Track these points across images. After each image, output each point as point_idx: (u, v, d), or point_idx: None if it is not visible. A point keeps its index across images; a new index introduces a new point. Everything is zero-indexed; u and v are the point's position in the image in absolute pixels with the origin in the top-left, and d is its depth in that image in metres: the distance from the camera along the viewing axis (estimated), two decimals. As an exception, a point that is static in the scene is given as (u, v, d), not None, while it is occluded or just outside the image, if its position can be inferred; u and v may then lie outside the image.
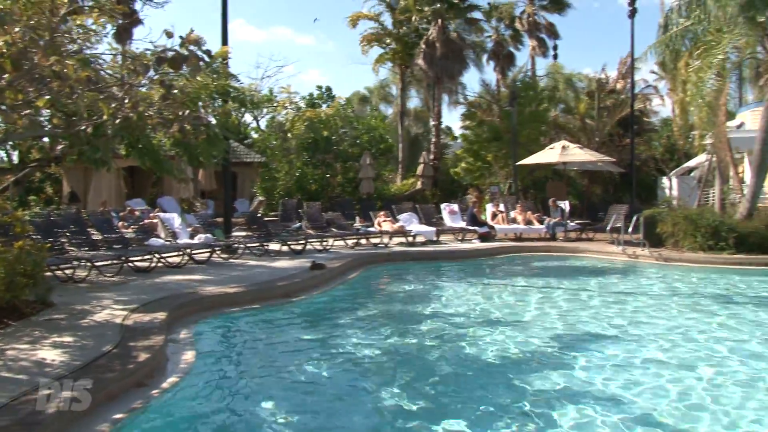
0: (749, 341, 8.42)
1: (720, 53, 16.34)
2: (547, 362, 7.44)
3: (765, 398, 6.20)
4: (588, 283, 13.38)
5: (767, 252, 15.84)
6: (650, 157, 31.65)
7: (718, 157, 21.02)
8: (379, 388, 6.49)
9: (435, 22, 32.54)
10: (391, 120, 43.04)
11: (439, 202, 24.88)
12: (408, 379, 6.84)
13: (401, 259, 16.38)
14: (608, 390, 6.41)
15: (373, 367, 7.30)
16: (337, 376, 6.96)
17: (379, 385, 6.58)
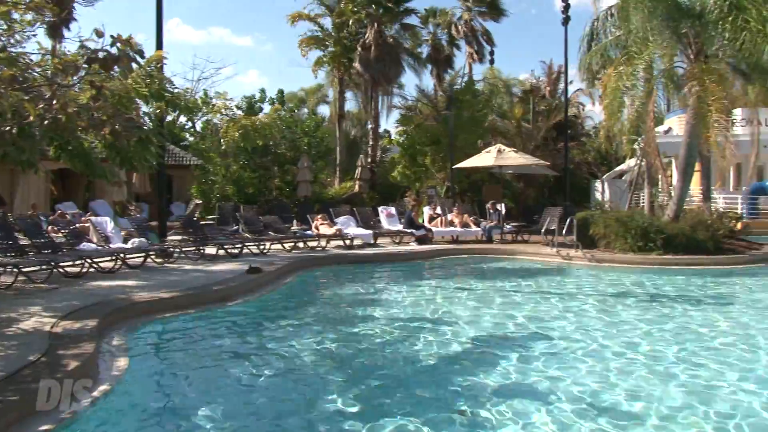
0: (677, 337, 8.68)
1: (642, 62, 16.88)
2: (483, 361, 7.54)
3: (682, 391, 6.41)
4: (523, 285, 13.60)
5: (693, 252, 16.47)
6: (583, 161, 32.44)
7: (648, 161, 21.68)
8: (316, 390, 6.47)
9: (371, 25, 32.66)
10: (329, 123, 43.01)
11: (376, 205, 24.97)
12: (345, 381, 6.83)
13: (339, 263, 16.38)
14: (542, 386, 6.53)
15: (310, 370, 7.26)
16: (274, 379, 6.90)
17: (316, 388, 6.55)
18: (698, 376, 6.94)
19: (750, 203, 28.76)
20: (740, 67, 17.94)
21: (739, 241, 19.18)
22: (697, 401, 6.10)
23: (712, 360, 7.59)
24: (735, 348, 8.22)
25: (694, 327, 9.46)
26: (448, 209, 21.89)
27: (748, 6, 15.79)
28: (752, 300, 12.06)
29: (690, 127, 17.88)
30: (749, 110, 29.19)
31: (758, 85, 17.89)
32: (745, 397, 6.24)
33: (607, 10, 19.78)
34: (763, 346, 8.30)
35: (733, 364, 7.40)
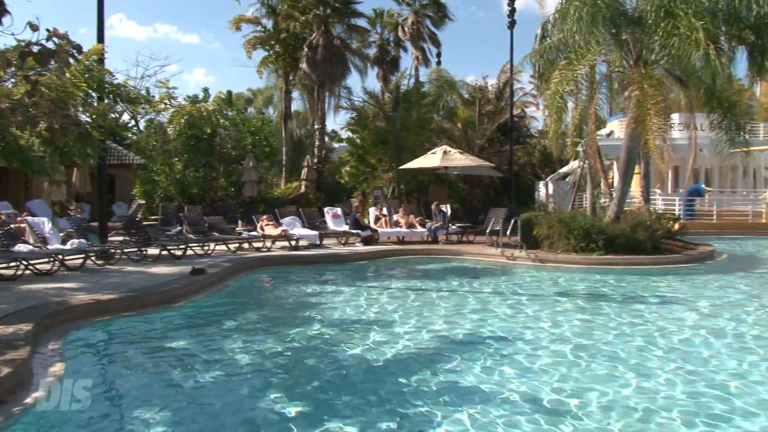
0: (616, 335, 8.85)
1: (583, 67, 17.22)
2: (428, 362, 7.55)
3: (621, 388, 6.54)
4: (467, 285, 13.71)
5: (632, 252, 16.89)
6: (528, 162, 32.90)
7: (590, 163, 22.11)
8: (259, 393, 6.39)
9: (318, 26, 32.55)
10: (276, 123, 42.68)
11: (323, 205, 24.90)
12: (290, 383, 6.78)
13: (284, 263, 16.26)
14: (486, 386, 6.58)
15: (254, 372, 7.17)
16: (217, 382, 6.78)
17: (260, 391, 6.48)
18: (635, 372, 7.08)
19: (687, 205, 29.61)
20: (676, 73, 18.44)
21: (676, 241, 19.71)
22: (634, 398, 6.24)
23: (650, 357, 7.76)
24: (674, 344, 8.42)
25: (633, 325, 9.65)
26: (394, 210, 21.95)
27: (680, 13, 16.25)
28: (686, 298, 12.37)
29: (630, 130, 18.30)
30: (686, 115, 30.10)
31: (693, 90, 18.39)
32: (684, 391, 6.41)
33: (556, 10, 20.10)
34: (699, 342, 8.52)
35: (672, 360, 7.59)
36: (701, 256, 18.21)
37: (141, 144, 29.33)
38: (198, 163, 27.59)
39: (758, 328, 9.67)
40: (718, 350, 8.18)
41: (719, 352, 8.07)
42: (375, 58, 42.47)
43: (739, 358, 7.78)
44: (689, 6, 16.38)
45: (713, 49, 15.72)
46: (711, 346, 8.37)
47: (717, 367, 7.41)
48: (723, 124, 17.59)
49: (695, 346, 8.45)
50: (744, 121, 18.68)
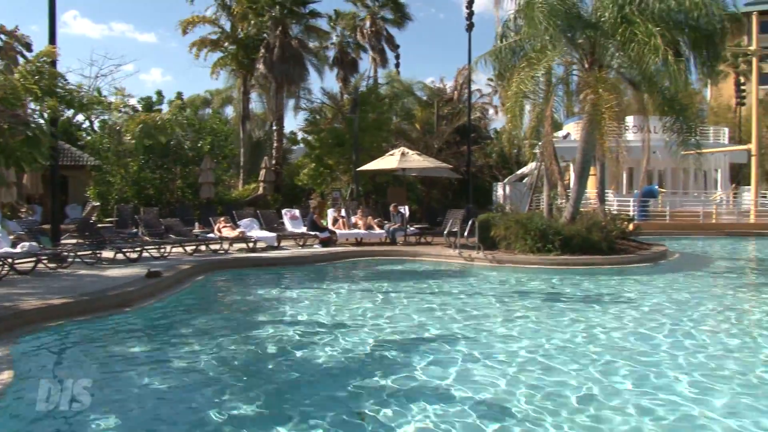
0: (572, 334, 8.96)
1: (541, 69, 17.43)
2: (384, 363, 7.56)
3: (576, 387, 6.63)
4: (424, 286, 13.75)
5: (588, 252, 17.15)
6: (485, 164, 33.18)
7: (546, 165, 22.37)
8: (216, 397, 6.31)
9: (275, 27, 32.36)
10: (233, 124, 42.34)
11: (281, 207, 24.78)
12: (246, 386, 6.72)
13: (241, 266, 16.11)
14: (443, 387, 6.61)
15: (210, 376, 7.08)
16: (173, 387, 6.69)
17: (216, 394, 6.39)
18: (588, 370, 7.19)
19: (641, 206, 30.19)
20: (630, 77, 18.78)
21: (631, 241, 20.07)
22: (588, 397, 6.33)
23: (604, 355, 7.88)
24: (626, 342, 8.57)
25: (587, 324, 9.79)
26: (352, 211, 21.93)
27: (636, 20, 16.57)
28: (634, 297, 12.59)
29: (585, 133, 18.58)
30: (640, 118, 30.67)
31: (646, 94, 18.75)
32: (634, 389, 6.52)
33: (514, 13, 20.31)
34: (651, 341, 8.67)
35: (626, 358, 7.71)
36: (654, 255, 18.57)
37: (95, 145, 28.84)
38: (154, 164, 27.24)
39: (691, 324, 9.93)
40: (655, 347, 8.39)
41: (655, 349, 8.26)
42: (334, 59, 42.47)
43: (670, 354, 7.97)
44: (645, 13, 16.70)
45: (672, 54, 16.06)
46: (647, 343, 8.58)
47: (648, 363, 7.57)
48: (675, 126, 17.95)
49: (631, 342, 8.61)
50: (695, 124, 19.11)
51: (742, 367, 7.45)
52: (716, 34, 17.53)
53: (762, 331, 9.81)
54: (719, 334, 9.42)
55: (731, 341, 8.86)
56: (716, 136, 41.54)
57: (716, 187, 39.97)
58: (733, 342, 8.82)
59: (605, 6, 17.49)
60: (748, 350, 8.49)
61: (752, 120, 35.79)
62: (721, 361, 7.70)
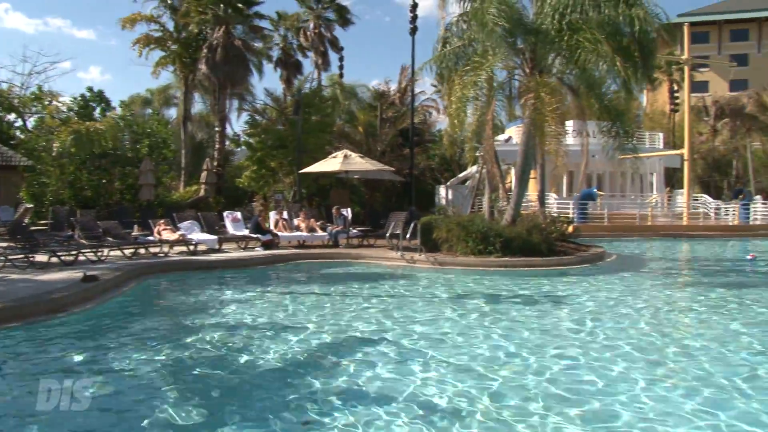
0: (510, 334, 9.08)
1: (483, 73, 17.65)
2: (326, 367, 7.54)
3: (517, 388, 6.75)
4: (366, 288, 13.76)
5: (528, 254, 17.43)
6: (428, 166, 33.40)
7: (488, 168, 22.64)
8: (153, 404, 6.20)
9: (218, 27, 31.97)
10: (174, 125, 41.65)
11: (223, 209, 24.48)
12: (186, 391, 6.62)
13: (182, 269, 15.86)
14: (384, 390, 6.65)
15: (149, 381, 6.95)
16: (108, 393, 6.56)
17: (154, 401, 6.28)
18: (528, 370, 7.32)
19: (580, 208, 30.80)
20: (569, 82, 19.16)
21: (570, 243, 20.47)
22: (527, 397, 6.44)
23: (543, 354, 8.02)
24: (565, 341, 8.75)
25: (526, 324, 9.95)
26: (294, 214, 21.82)
27: (582, 27, 16.92)
28: (568, 297, 12.89)
29: (526, 136, 18.88)
30: (579, 122, 31.30)
31: (584, 99, 19.14)
32: (573, 387, 6.66)
33: (458, 17, 20.51)
34: (590, 338, 8.89)
35: (565, 356, 7.88)
36: (592, 257, 18.98)
37: (30, 145, 28.02)
38: (92, 165, 26.60)
39: (614, 323, 10.29)
40: (583, 345, 8.65)
41: (583, 347, 8.50)
42: (278, 60, 42.23)
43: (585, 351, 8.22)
44: (586, 22, 17.07)
45: (620, 60, 16.46)
46: (573, 344, 8.80)
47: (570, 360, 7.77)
48: (612, 131, 18.37)
49: (562, 340, 8.82)
50: (632, 129, 19.60)
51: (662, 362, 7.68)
52: (650, 44, 18.03)
53: (679, 329, 10.14)
54: (645, 330, 9.70)
55: (657, 338, 9.15)
56: (652, 141, 42.74)
57: (652, 190, 41.08)
58: (662, 339, 9.10)
59: (546, 13, 17.81)
60: (669, 345, 8.77)
61: (685, 126, 36.90)
62: (639, 353, 7.94)
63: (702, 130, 60.93)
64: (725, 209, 37.67)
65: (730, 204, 37.75)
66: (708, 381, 7.07)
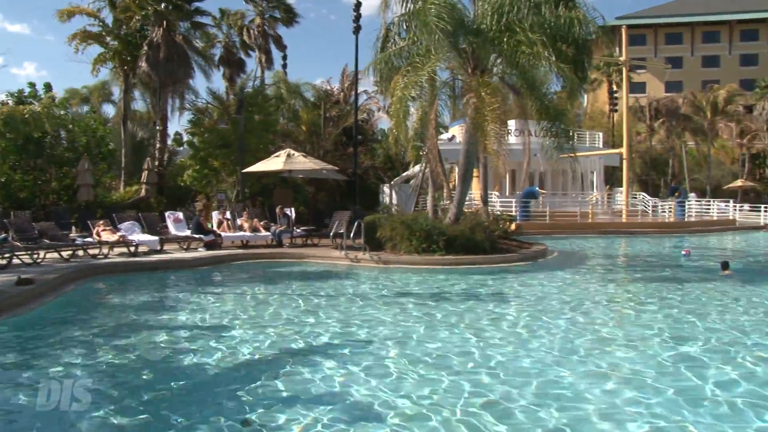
0: (455, 333, 9.18)
1: (425, 73, 17.77)
2: (269, 368, 7.48)
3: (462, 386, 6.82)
4: (310, 288, 13.72)
5: (471, 252, 17.63)
6: (372, 165, 33.45)
7: (431, 167, 22.81)
8: (92, 409, 6.06)
9: (159, 23, 31.39)
10: (114, 123, 40.73)
11: (165, 209, 24.07)
12: (125, 396, 6.48)
13: (122, 271, 15.56)
14: (326, 387, 6.69)
15: (87, 387, 6.78)
16: (44, 399, 6.37)
17: (92, 407, 6.13)
18: (468, 368, 7.41)
19: (522, 206, 31.26)
20: (511, 82, 19.42)
21: (512, 241, 20.78)
22: (469, 396, 6.52)
23: (488, 352, 8.13)
24: (509, 338, 8.87)
25: (466, 321, 10.08)
26: (237, 214, 21.62)
27: (518, 29, 17.18)
28: (519, 294, 13.10)
29: (468, 135, 19.08)
30: (521, 121, 31.77)
31: (526, 99, 19.41)
32: (514, 387, 6.77)
33: (399, 17, 20.59)
34: (534, 335, 9.04)
35: (508, 353, 7.99)
36: (534, 254, 19.32)
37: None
38: (27, 165, 25.82)
39: (552, 318, 10.59)
40: (519, 339, 8.85)
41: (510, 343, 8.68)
42: (221, 58, 41.69)
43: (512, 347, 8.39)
44: (524, 23, 17.32)
45: (559, 61, 16.75)
46: (511, 339, 8.99)
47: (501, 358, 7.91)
48: (552, 131, 18.67)
49: (501, 338, 8.97)
50: (571, 129, 19.98)
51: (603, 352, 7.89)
52: (588, 46, 18.44)
53: (614, 321, 10.42)
54: (581, 324, 9.93)
55: (591, 332, 9.38)
56: (592, 141, 43.73)
57: (592, 189, 41.98)
58: (605, 332, 9.32)
59: (486, 14, 18.03)
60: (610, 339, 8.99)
61: (623, 126, 37.82)
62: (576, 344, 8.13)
63: (640, 130, 62.66)
64: (662, 207, 38.76)
65: (666, 202, 38.85)
66: (626, 369, 7.38)
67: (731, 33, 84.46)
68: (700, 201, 42.17)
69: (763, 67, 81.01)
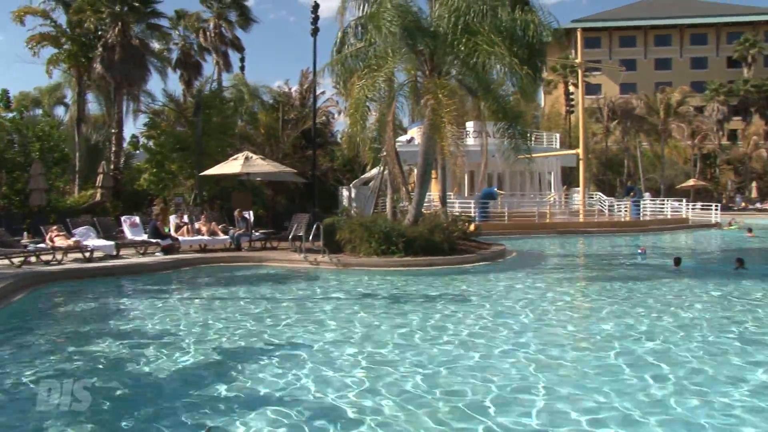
0: (412, 334, 9.21)
1: (383, 75, 17.82)
2: (226, 372, 7.43)
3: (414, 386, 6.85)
4: (268, 291, 13.66)
5: (430, 253, 17.71)
6: (330, 168, 33.40)
7: (390, 168, 22.84)
8: (43, 419, 5.94)
9: (114, 25, 30.92)
10: (68, 126, 39.99)
11: (121, 214, 23.67)
12: (76, 404, 6.34)
13: (76, 277, 15.22)
14: (286, 390, 6.66)
15: (35, 394, 6.64)
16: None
17: (43, 417, 6.01)
18: (427, 367, 7.44)
19: (481, 207, 31.49)
20: (468, 84, 19.57)
21: (471, 242, 20.92)
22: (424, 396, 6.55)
23: (445, 352, 8.18)
24: (468, 337, 8.93)
25: (428, 322, 10.12)
26: (195, 217, 21.39)
27: (479, 30, 17.32)
28: (477, 294, 13.19)
29: (426, 137, 19.17)
30: (479, 123, 32.07)
31: (482, 101, 19.58)
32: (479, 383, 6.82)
33: (356, 20, 20.62)
34: (490, 332, 9.11)
35: (461, 353, 8.04)
36: (493, 254, 19.47)
37: None
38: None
39: (509, 318, 10.69)
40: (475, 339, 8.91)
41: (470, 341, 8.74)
42: (177, 61, 41.28)
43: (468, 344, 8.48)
44: (481, 25, 17.47)
45: (516, 64, 16.92)
46: (467, 339, 9.06)
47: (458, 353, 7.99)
48: (509, 132, 18.86)
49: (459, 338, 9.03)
50: (528, 130, 20.21)
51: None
52: (544, 48, 18.69)
53: (573, 319, 10.57)
54: (540, 321, 10.07)
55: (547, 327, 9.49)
56: (549, 141, 44.27)
57: (550, 189, 42.52)
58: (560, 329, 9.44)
59: (443, 17, 18.14)
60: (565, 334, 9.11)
61: (579, 126, 38.37)
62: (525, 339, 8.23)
63: (596, 131, 63.67)
64: (618, 206, 39.41)
65: (622, 201, 39.51)
66: (570, 364, 7.55)
67: (682, 37, 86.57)
68: (655, 200, 42.99)
69: (712, 70, 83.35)
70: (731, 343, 8.73)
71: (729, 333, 9.37)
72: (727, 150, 69.03)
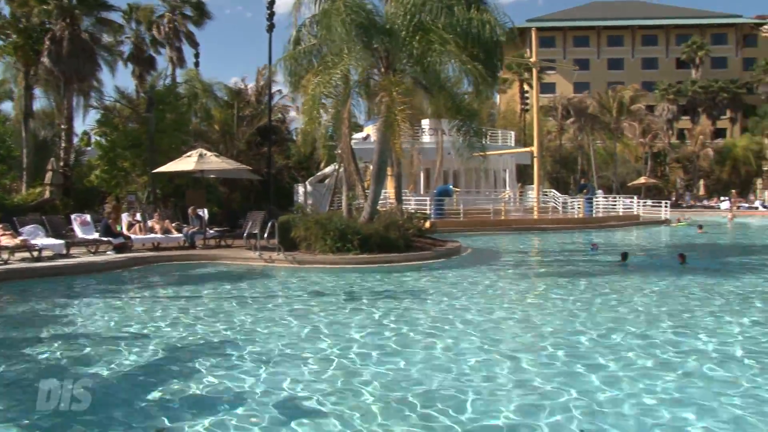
0: (367, 332, 9.19)
1: (338, 73, 17.77)
2: (179, 372, 7.35)
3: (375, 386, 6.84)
4: (222, 290, 13.52)
5: (386, 250, 17.74)
6: (286, 165, 33.22)
7: (345, 166, 22.81)
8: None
9: (63, 17, 30.19)
10: (14, 122, 38.97)
11: (72, 212, 23.13)
12: (23, 409, 6.21)
13: (24, 277, 14.85)
14: (238, 390, 6.61)
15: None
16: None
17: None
18: (386, 365, 7.45)
19: (436, 204, 31.63)
20: (423, 82, 19.62)
21: (427, 239, 20.99)
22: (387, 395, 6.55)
23: (403, 350, 8.19)
24: (426, 335, 8.96)
25: (383, 320, 10.12)
26: (148, 215, 21.06)
27: (433, 28, 17.38)
28: (432, 290, 13.26)
29: (381, 134, 19.19)
30: (434, 121, 32.18)
31: (437, 98, 19.64)
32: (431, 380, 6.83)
33: (311, 18, 20.52)
34: (446, 329, 9.15)
35: (423, 350, 8.07)
36: (448, 251, 19.59)
37: None
38: None
39: (464, 312, 10.79)
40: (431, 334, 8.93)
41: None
42: (130, 55, 40.57)
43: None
44: (436, 23, 17.55)
45: (469, 61, 17.02)
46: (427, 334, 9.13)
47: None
48: (464, 129, 18.97)
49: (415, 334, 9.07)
50: (483, 128, 20.34)
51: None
52: (499, 47, 18.87)
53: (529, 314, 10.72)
54: (497, 316, 10.17)
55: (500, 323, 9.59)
56: (504, 139, 44.72)
57: (505, 186, 42.95)
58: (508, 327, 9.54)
59: (398, 14, 18.16)
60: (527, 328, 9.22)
61: (534, 125, 38.82)
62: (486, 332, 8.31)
63: (550, 129, 64.52)
64: (572, 203, 40.01)
65: (576, 198, 40.12)
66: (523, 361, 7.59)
67: (634, 38, 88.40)
68: (607, 197, 43.76)
69: (662, 71, 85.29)
70: (662, 335, 9.06)
71: (661, 324, 9.79)
72: (676, 148, 70.66)
